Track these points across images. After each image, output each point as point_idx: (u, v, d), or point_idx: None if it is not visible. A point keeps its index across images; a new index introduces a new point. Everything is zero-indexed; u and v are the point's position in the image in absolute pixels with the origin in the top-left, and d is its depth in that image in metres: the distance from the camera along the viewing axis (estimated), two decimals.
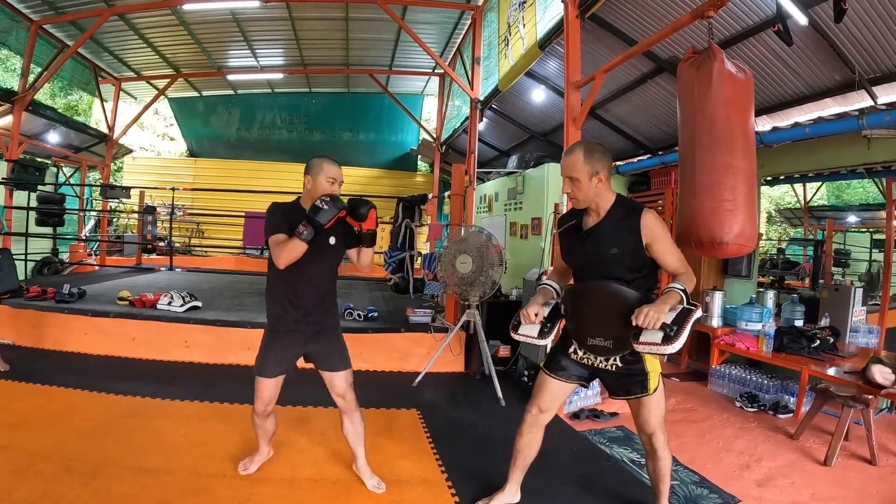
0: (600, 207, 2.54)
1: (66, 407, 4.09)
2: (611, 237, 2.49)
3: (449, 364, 5.66)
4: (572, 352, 2.70)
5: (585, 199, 2.53)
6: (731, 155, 2.72)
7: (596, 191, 2.50)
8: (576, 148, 2.53)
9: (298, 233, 2.56)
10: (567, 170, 2.53)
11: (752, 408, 5.08)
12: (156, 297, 6.12)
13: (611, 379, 2.66)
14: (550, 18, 5.55)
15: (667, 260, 2.46)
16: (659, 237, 2.43)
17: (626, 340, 2.45)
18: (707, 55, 2.81)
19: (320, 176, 2.78)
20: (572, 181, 2.52)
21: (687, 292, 2.37)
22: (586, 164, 2.47)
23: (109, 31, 10.26)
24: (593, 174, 2.48)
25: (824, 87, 5.28)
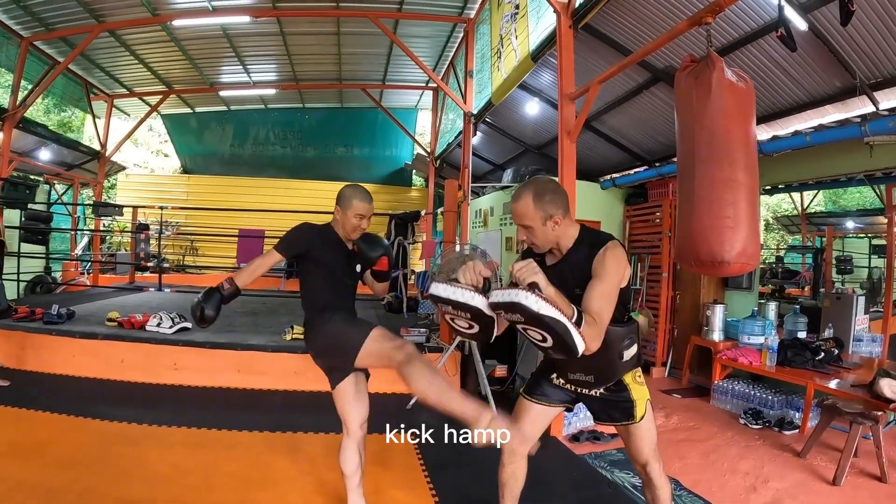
0: (562, 246, 2.35)
1: (52, 434, 3.97)
2: (573, 277, 2.27)
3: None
4: (554, 377, 2.56)
5: (545, 244, 2.34)
6: (732, 169, 2.59)
7: (554, 233, 2.30)
8: (523, 194, 2.30)
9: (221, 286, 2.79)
10: (518, 218, 2.33)
11: (756, 424, 4.99)
12: (145, 318, 5.99)
13: (595, 404, 2.52)
14: (543, 29, 5.46)
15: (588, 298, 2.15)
16: (600, 273, 2.18)
17: (609, 373, 2.35)
18: (706, 63, 2.70)
19: (349, 211, 2.77)
20: (526, 229, 2.32)
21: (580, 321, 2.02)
22: (537, 210, 2.26)
23: (100, 48, 10.19)
24: (546, 219, 2.27)
25: (824, 93, 5.18)
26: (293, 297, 8.83)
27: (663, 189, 7.25)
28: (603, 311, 2.12)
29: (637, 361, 2.43)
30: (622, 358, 2.32)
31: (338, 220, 2.82)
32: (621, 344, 2.30)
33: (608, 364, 2.31)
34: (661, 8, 5.10)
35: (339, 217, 2.80)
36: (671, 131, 6.84)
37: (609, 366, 2.32)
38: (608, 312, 2.15)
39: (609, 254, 2.21)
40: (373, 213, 2.86)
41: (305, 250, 2.72)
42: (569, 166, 4.46)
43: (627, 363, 2.36)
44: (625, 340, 2.31)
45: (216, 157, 16.05)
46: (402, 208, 14.93)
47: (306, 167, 15.90)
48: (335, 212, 2.81)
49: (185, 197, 15.36)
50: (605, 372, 2.34)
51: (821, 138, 5.02)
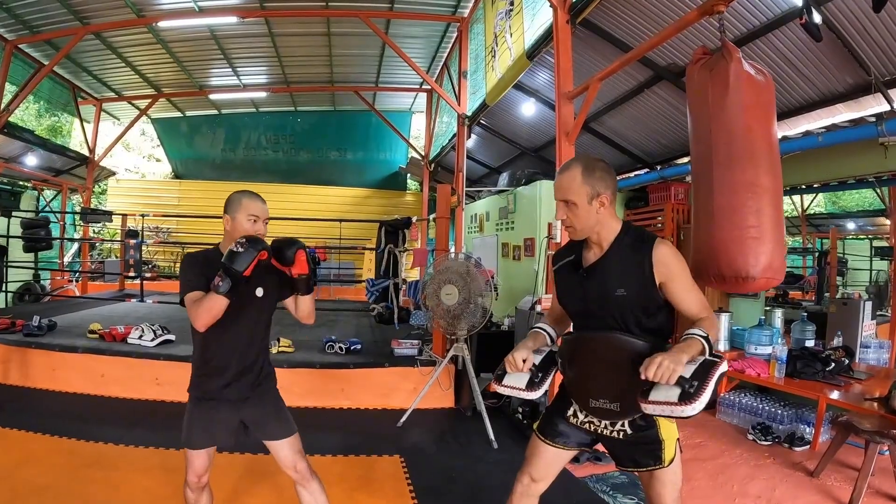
0: (602, 238, 2.06)
1: (24, 455, 3.79)
2: (616, 275, 2.01)
3: (437, 399, 5.28)
4: (571, 415, 2.22)
5: (584, 228, 2.05)
6: (755, 171, 2.34)
7: (597, 218, 2.02)
8: (572, 165, 2.05)
9: (214, 285, 2.15)
10: (561, 192, 2.05)
11: (765, 440, 4.73)
12: (127, 330, 5.78)
13: (617, 447, 2.16)
14: (539, 25, 5.22)
15: (685, 302, 1.99)
16: (676, 275, 1.97)
17: (636, 402, 1.95)
18: (721, 55, 2.43)
19: (239, 214, 2.37)
20: (568, 205, 2.03)
21: (710, 340, 1.86)
22: (585, 184, 2.00)
23: (87, 51, 10.01)
24: (594, 196, 2.00)
25: (836, 91, 4.96)
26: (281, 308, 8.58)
27: (665, 192, 7.02)
28: (702, 304, 1.99)
29: None
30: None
31: (227, 231, 2.39)
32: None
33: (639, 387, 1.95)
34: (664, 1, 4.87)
35: (228, 228, 2.38)
36: (673, 132, 6.75)
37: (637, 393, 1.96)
38: (703, 299, 2.00)
39: (665, 250, 1.99)
40: (268, 217, 2.47)
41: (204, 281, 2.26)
42: None
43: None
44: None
45: (207, 161, 15.85)
46: (397, 213, 14.72)
47: (299, 172, 15.71)
48: (224, 223, 2.40)
49: (176, 202, 15.16)
50: (632, 400, 1.97)
51: (834, 139, 4.79)
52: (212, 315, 2.18)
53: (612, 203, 2.05)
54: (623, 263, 2.01)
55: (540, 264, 7.07)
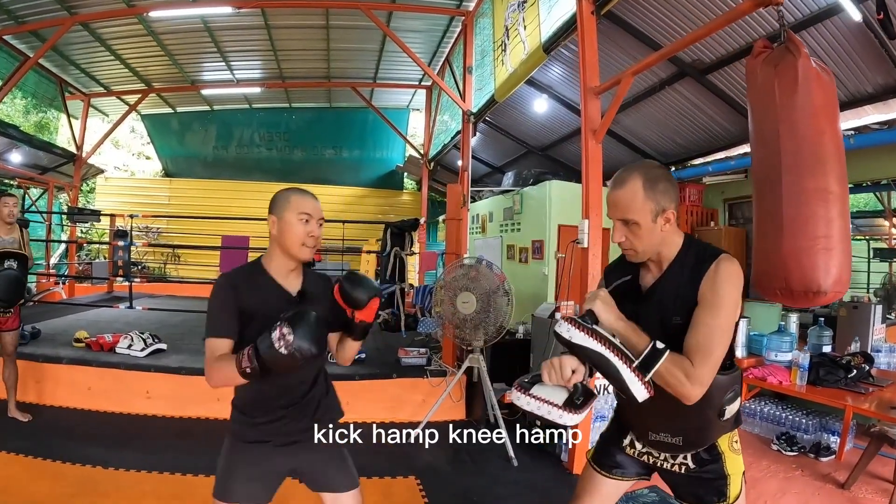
0: (663, 258, 1.79)
1: (5, 480, 3.55)
2: (674, 300, 1.74)
3: (448, 411, 5.02)
4: (628, 444, 2.00)
5: (647, 250, 1.77)
6: (825, 178, 2.14)
7: (661, 237, 1.75)
8: (631, 177, 1.74)
9: (240, 364, 1.72)
10: (620, 210, 1.75)
11: (791, 451, 4.59)
12: (115, 339, 5.49)
13: (678, 480, 1.93)
14: (558, 17, 4.96)
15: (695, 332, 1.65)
16: (713, 301, 1.65)
17: (702, 435, 1.79)
18: (786, 48, 2.22)
19: (287, 212, 1.94)
20: (628, 226, 1.75)
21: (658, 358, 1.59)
22: (648, 200, 1.70)
23: (75, 43, 9.67)
24: (658, 213, 1.71)
25: (864, 92, 4.81)
26: None
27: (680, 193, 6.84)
28: (709, 347, 1.61)
29: (737, 421, 1.86)
30: (722, 416, 1.76)
31: (274, 236, 1.98)
32: (723, 397, 1.74)
33: (703, 423, 1.77)
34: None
35: (275, 231, 1.97)
36: (692, 132, 6.53)
37: (704, 425, 1.78)
38: (720, 351, 1.64)
39: (722, 273, 1.66)
40: (322, 216, 2.05)
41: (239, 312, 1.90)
42: (594, 170, 3.98)
43: (726, 423, 1.80)
44: (728, 393, 1.75)
45: (199, 159, 15.54)
46: (394, 213, 14.54)
47: (293, 170, 15.39)
48: (270, 226, 1.98)
49: (167, 201, 14.87)
50: (698, 433, 1.80)
51: (866, 141, 4.62)
52: (229, 384, 1.84)
53: (676, 217, 1.77)
54: (681, 287, 1.74)
55: (550, 267, 6.87)
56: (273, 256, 1.99)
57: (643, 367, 1.58)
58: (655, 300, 1.80)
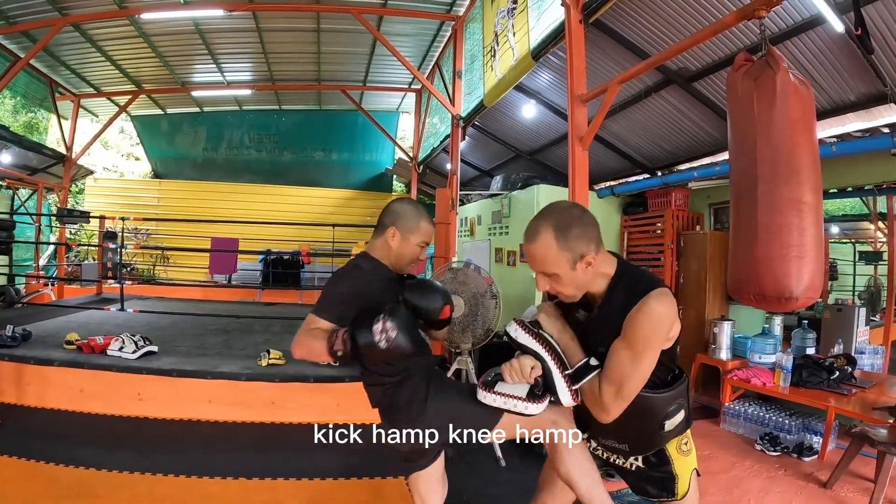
0: (596, 291, 1.84)
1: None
2: (603, 331, 1.80)
3: None
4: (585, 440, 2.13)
5: (576, 292, 1.81)
6: (800, 188, 2.23)
7: (585, 277, 1.77)
8: (540, 230, 1.76)
9: (332, 343, 1.82)
10: (536, 264, 1.79)
11: (774, 451, 4.66)
12: (106, 341, 5.48)
13: (629, 477, 2.09)
14: (547, 25, 5.02)
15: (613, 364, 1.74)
16: (626, 335, 1.72)
17: (646, 444, 1.94)
18: (766, 62, 2.30)
19: (414, 236, 2.14)
20: (549, 277, 1.78)
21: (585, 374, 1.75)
22: (563, 251, 1.72)
23: (66, 43, 9.67)
24: (576, 261, 1.74)
25: (847, 100, 4.88)
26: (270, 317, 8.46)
27: (665, 198, 6.91)
28: (623, 384, 1.71)
29: (684, 427, 1.96)
30: (663, 428, 1.87)
31: (390, 245, 2.14)
32: (662, 413, 1.84)
33: (645, 435, 1.91)
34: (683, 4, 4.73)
35: (393, 243, 2.14)
36: (678, 138, 6.61)
37: (646, 437, 1.91)
38: (633, 386, 1.72)
39: (646, 312, 1.69)
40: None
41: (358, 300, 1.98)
42: (581, 177, 4.04)
43: (671, 432, 1.90)
44: (669, 407, 1.84)
45: (188, 160, 15.48)
46: None
47: (283, 172, 15.40)
48: (388, 235, 2.13)
49: (156, 203, 14.82)
50: (642, 443, 1.94)
51: (848, 148, 4.71)
52: (311, 358, 1.93)
53: (598, 250, 1.79)
54: (611, 319, 1.77)
55: None
56: (382, 258, 2.18)
57: (574, 377, 1.74)
58: (591, 330, 1.86)
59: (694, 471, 2.00)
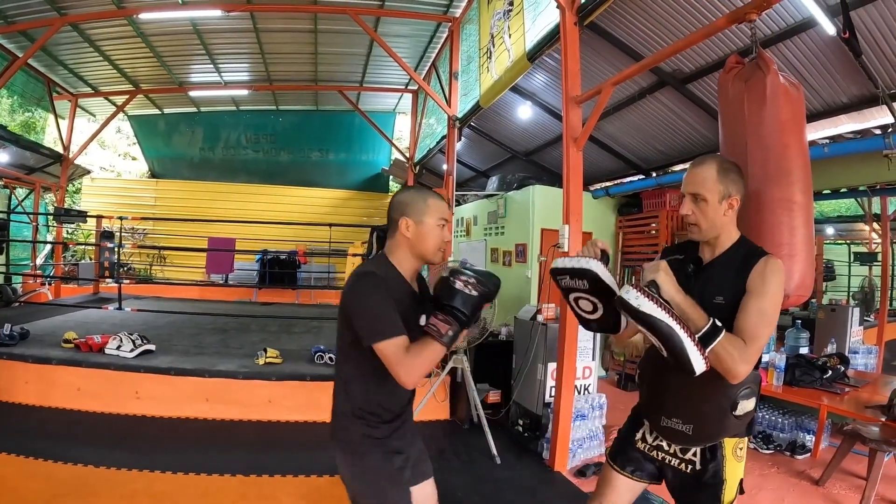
0: (719, 244, 2.01)
1: None
2: (720, 281, 1.93)
3: (433, 411, 5.12)
4: (640, 438, 2.14)
5: (709, 228, 1.98)
6: (790, 189, 2.23)
7: (723, 220, 1.97)
8: (708, 160, 2.01)
9: (439, 333, 1.70)
10: (694, 185, 1.98)
11: (767, 449, 4.75)
12: (104, 339, 5.50)
13: (677, 481, 2.05)
14: (542, 27, 5.06)
15: (743, 318, 1.81)
16: (761, 290, 1.82)
17: (713, 425, 1.91)
18: (756, 65, 2.32)
19: (427, 217, 1.92)
20: (697, 200, 1.97)
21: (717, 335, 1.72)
22: (719, 183, 1.94)
23: (64, 43, 9.65)
24: (725, 196, 1.95)
25: (840, 102, 4.91)
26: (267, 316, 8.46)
27: (660, 199, 6.97)
28: (759, 330, 1.78)
29: (749, 429, 1.97)
30: (734, 409, 1.88)
31: (408, 239, 1.93)
32: (738, 389, 1.86)
33: (716, 412, 1.89)
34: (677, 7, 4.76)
35: (410, 233, 1.92)
36: (672, 139, 6.65)
37: (717, 415, 1.89)
38: (767, 334, 1.82)
39: (770, 267, 1.85)
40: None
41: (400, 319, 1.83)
42: (575, 177, 4.08)
43: (738, 421, 1.91)
44: (743, 388, 1.87)
45: (185, 160, 15.44)
46: (379, 216, 14.57)
47: (279, 172, 15.38)
48: (401, 226, 1.93)
49: (153, 202, 14.77)
50: (710, 423, 1.91)
51: (840, 149, 4.75)
52: (431, 368, 1.78)
53: (739, 207, 2.00)
54: (729, 271, 1.93)
55: (533, 271, 6.97)
56: (403, 258, 1.95)
57: (704, 340, 1.69)
58: (702, 279, 1.98)
59: (741, 481, 1.97)
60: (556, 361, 4.32)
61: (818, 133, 5.23)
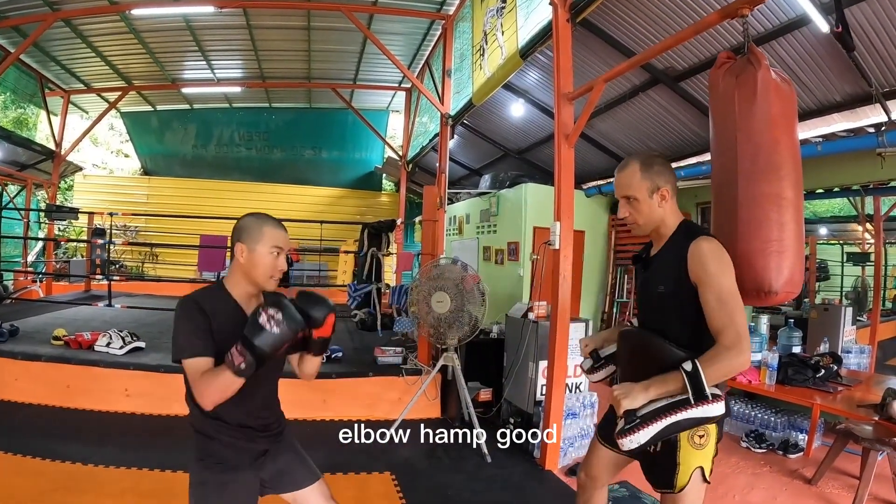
0: (662, 235, 2.12)
1: None
2: (663, 270, 2.06)
3: (424, 409, 5.09)
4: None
5: (648, 223, 2.11)
6: (780, 184, 2.23)
7: (659, 212, 2.08)
8: (630, 162, 2.12)
9: (234, 365, 1.71)
10: (622, 188, 2.12)
11: (760, 448, 4.74)
12: (93, 336, 5.48)
13: (644, 460, 2.10)
14: (535, 24, 5.04)
15: (708, 315, 1.89)
16: (707, 277, 1.90)
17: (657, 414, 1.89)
18: (747, 60, 2.32)
19: (260, 245, 1.94)
20: (629, 201, 2.11)
21: (697, 376, 1.78)
22: (645, 179, 2.06)
23: (56, 39, 9.57)
24: (654, 190, 2.06)
25: (833, 101, 4.92)
26: None
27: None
28: (726, 314, 1.86)
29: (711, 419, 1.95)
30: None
31: (241, 265, 1.96)
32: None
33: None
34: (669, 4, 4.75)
35: (242, 260, 1.95)
36: (665, 136, 6.65)
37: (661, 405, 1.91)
38: (733, 310, 1.86)
39: (702, 246, 1.93)
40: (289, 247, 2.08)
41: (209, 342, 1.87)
42: (566, 174, 4.07)
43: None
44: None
45: (178, 158, 15.37)
46: (371, 214, 14.54)
47: (272, 170, 15.32)
48: (237, 252, 1.95)
49: (145, 200, 14.67)
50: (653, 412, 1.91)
51: (833, 148, 4.75)
52: (226, 397, 1.79)
53: (673, 197, 2.12)
54: (670, 260, 2.03)
55: (525, 269, 6.96)
56: (236, 283, 1.99)
57: (698, 394, 1.79)
58: (652, 270, 2.15)
59: (699, 469, 1.96)
60: (547, 359, 4.30)
61: (811, 132, 5.23)
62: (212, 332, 1.85)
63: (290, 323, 1.75)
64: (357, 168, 15.88)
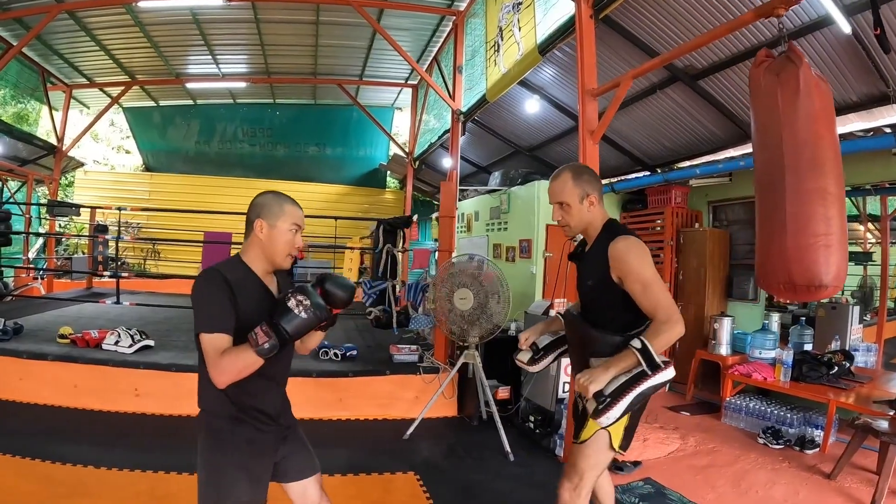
0: (590, 235, 2.36)
1: None
2: (590, 266, 2.34)
3: (440, 408, 5.06)
4: None
5: (578, 225, 2.34)
6: (825, 179, 2.30)
7: (588, 216, 2.32)
8: (563, 172, 2.36)
9: (256, 343, 1.73)
10: (556, 195, 2.35)
11: (777, 444, 4.73)
12: (101, 335, 5.38)
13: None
14: (555, 20, 4.99)
15: (640, 302, 2.12)
16: (628, 271, 2.12)
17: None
18: (787, 58, 2.37)
19: (281, 221, 1.97)
20: (562, 207, 2.34)
21: (647, 351, 1.99)
22: (576, 187, 2.30)
23: (59, 31, 9.46)
24: (583, 197, 2.30)
25: (849, 101, 4.92)
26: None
27: (665, 195, 6.93)
28: (657, 303, 2.07)
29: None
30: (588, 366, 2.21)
31: (260, 240, 1.97)
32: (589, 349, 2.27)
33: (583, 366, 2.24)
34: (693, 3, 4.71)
35: (261, 235, 1.96)
36: (680, 135, 6.62)
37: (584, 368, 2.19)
38: (658, 292, 2.08)
39: (620, 245, 2.15)
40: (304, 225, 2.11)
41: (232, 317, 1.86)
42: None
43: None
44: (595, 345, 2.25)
45: (180, 154, 15.29)
46: (375, 211, 14.49)
47: (276, 166, 15.23)
48: (256, 228, 1.97)
49: (146, 196, 14.59)
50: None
51: (850, 147, 4.74)
52: (242, 376, 1.79)
53: (600, 202, 2.34)
54: (596, 256, 2.26)
55: (538, 266, 6.93)
56: (255, 258, 2.00)
57: (651, 365, 1.99)
58: (584, 265, 2.42)
59: (606, 434, 2.19)
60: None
61: None
62: (235, 305, 1.86)
63: (317, 310, 1.80)
64: (361, 165, 15.82)
